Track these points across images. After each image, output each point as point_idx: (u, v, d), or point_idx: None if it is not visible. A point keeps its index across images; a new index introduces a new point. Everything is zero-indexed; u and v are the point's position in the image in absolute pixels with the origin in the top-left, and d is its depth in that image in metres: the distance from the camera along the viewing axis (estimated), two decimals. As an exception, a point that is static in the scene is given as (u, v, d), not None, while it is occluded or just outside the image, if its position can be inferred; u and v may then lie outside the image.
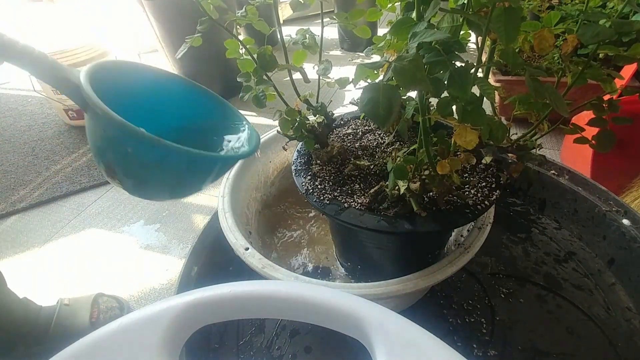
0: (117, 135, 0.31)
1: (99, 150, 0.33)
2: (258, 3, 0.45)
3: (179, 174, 0.34)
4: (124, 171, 0.33)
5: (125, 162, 0.33)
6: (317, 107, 0.49)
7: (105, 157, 0.33)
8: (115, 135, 0.31)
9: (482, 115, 0.33)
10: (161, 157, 0.32)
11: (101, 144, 0.33)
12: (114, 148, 0.32)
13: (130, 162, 0.32)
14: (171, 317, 0.26)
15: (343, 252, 0.58)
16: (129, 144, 0.31)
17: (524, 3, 1.07)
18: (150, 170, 0.33)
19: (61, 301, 0.81)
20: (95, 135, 0.33)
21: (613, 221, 0.58)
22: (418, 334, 0.24)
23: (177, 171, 0.34)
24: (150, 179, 0.34)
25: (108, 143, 0.32)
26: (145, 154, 0.32)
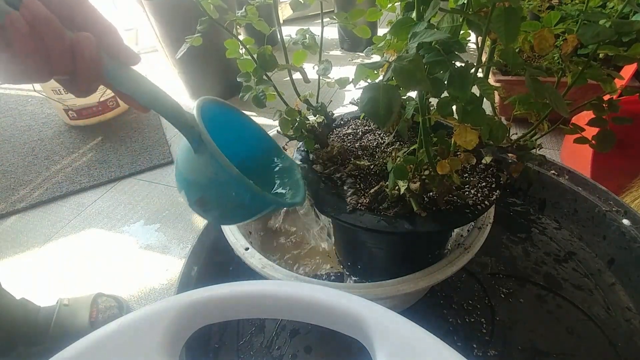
0: (226, 181, 0.35)
1: (199, 185, 0.37)
2: (258, 3, 0.45)
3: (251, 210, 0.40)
4: (217, 205, 0.38)
5: (222, 201, 0.37)
6: (317, 107, 0.49)
7: (204, 193, 0.37)
8: (224, 180, 0.35)
9: (482, 115, 0.33)
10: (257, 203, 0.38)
11: (205, 182, 0.37)
12: (219, 189, 0.36)
13: (227, 201, 0.37)
14: (171, 317, 0.26)
15: (343, 252, 0.58)
16: (235, 190, 0.36)
17: (524, 3, 1.07)
18: (239, 209, 0.38)
19: (60, 301, 0.81)
20: (201, 174, 0.37)
21: (613, 221, 0.58)
22: (418, 334, 0.24)
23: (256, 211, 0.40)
24: (235, 214, 0.40)
25: (213, 184, 0.36)
26: (245, 198, 0.37)
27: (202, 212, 0.40)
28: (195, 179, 0.38)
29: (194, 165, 0.37)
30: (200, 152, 0.35)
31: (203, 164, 0.36)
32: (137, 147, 1.44)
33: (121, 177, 1.31)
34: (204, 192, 0.37)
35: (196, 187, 0.38)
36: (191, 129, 0.35)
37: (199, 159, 0.36)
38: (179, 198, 1.20)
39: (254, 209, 0.39)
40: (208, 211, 0.39)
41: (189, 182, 0.38)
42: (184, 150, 0.37)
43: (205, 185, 0.37)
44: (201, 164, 0.36)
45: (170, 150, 1.43)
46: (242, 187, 0.35)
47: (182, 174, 0.38)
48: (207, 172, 0.36)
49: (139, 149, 1.44)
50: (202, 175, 0.37)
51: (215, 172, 0.35)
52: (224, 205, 0.38)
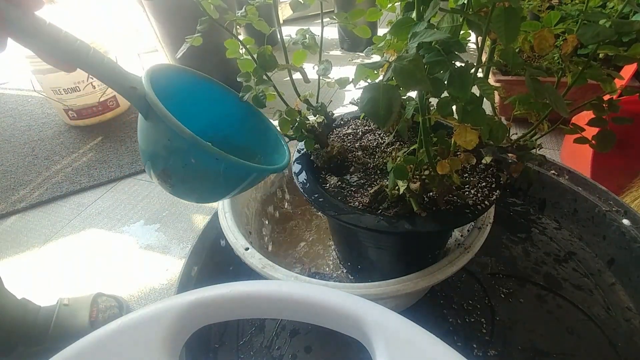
0: (182, 147, 0.32)
1: (157, 156, 0.34)
2: (258, 3, 0.45)
3: (228, 181, 0.36)
4: (180, 178, 0.35)
5: (184, 170, 0.34)
6: (317, 107, 0.49)
7: (164, 163, 0.34)
8: (180, 146, 0.32)
9: (482, 115, 0.33)
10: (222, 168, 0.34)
11: (162, 152, 0.34)
12: (177, 157, 0.33)
13: (189, 170, 0.34)
14: (171, 317, 0.26)
15: (343, 252, 0.58)
16: (194, 156, 0.33)
17: (524, 3, 1.07)
18: (205, 178, 0.35)
19: (60, 301, 0.81)
20: (156, 143, 0.34)
21: (613, 221, 0.58)
22: (418, 334, 0.24)
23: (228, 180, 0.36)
24: (201, 185, 0.36)
25: (171, 152, 0.33)
26: (207, 165, 0.33)
27: (169, 188, 0.36)
28: (153, 149, 0.34)
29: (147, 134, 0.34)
30: (150, 118, 0.32)
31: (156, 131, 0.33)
32: (137, 147, 1.44)
33: (121, 177, 1.31)
34: (164, 163, 0.34)
35: (155, 159, 0.34)
36: (132, 90, 0.31)
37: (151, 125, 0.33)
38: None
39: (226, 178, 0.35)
40: (175, 186, 0.36)
41: (148, 154, 0.35)
42: (139, 120, 0.34)
43: (164, 155, 0.34)
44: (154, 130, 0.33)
45: (170, 150, 1.43)
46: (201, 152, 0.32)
47: (141, 146, 0.35)
48: (161, 139, 0.33)
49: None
50: (157, 143, 0.33)
51: (168, 138, 0.32)
52: (189, 176, 0.34)
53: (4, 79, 2.10)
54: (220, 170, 0.34)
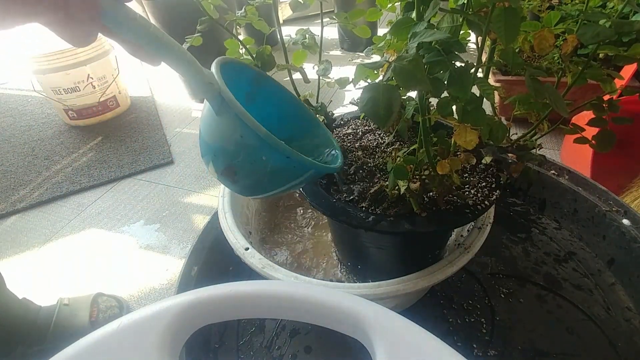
0: (255, 144, 0.32)
1: (224, 152, 0.34)
2: (258, 3, 0.45)
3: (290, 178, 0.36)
4: (246, 173, 0.35)
5: (252, 166, 0.34)
6: (317, 107, 0.49)
7: (231, 159, 0.34)
8: (253, 143, 0.32)
9: (482, 115, 0.33)
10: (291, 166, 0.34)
11: (232, 148, 0.34)
12: (247, 154, 0.33)
13: (257, 167, 0.34)
14: (171, 317, 0.26)
15: (343, 252, 0.58)
16: (266, 153, 0.33)
17: (524, 3, 1.07)
18: (270, 175, 0.35)
19: (61, 301, 0.81)
20: (227, 139, 0.34)
21: (613, 221, 0.58)
22: (418, 334, 0.24)
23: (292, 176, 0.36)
24: (265, 181, 0.36)
25: (242, 148, 0.33)
26: (277, 162, 0.33)
27: (230, 184, 0.36)
28: (221, 145, 0.34)
29: (217, 130, 0.34)
30: (222, 114, 0.32)
31: (227, 127, 0.33)
32: (137, 147, 1.44)
33: (121, 177, 1.31)
34: (232, 159, 0.34)
35: (222, 155, 0.34)
36: (209, 86, 0.31)
37: (222, 121, 0.33)
38: (180, 198, 1.20)
39: (289, 174, 0.35)
40: (237, 182, 0.36)
41: (214, 150, 0.35)
42: (207, 114, 0.34)
43: (232, 151, 0.33)
44: (225, 127, 0.33)
45: (171, 150, 1.43)
46: (273, 150, 0.32)
47: (206, 141, 0.35)
48: (232, 135, 0.33)
49: (139, 149, 1.44)
50: (227, 140, 0.33)
51: (241, 135, 0.32)
52: (255, 172, 0.34)
53: (4, 79, 2.10)
54: (290, 167, 0.34)
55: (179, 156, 1.40)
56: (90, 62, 1.51)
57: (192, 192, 1.22)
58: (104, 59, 1.56)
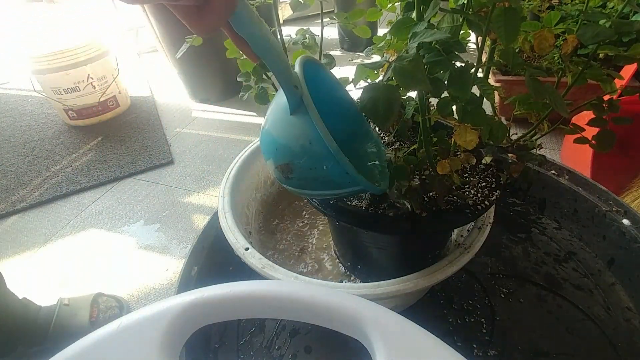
0: (321, 153, 0.33)
1: (289, 150, 0.34)
2: (258, 3, 0.45)
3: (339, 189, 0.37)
4: (302, 175, 0.35)
5: (310, 171, 0.35)
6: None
7: (292, 159, 0.34)
8: (320, 152, 0.33)
9: (482, 115, 0.33)
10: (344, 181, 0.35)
11: (297, 149, 0.34)
12: (310, 159, 0.34)
13: (314, 174, 0.35)
14: (171, 317, 0.26)
15: (343, 252, 0.58)
16: (328, 164, 0.33)
17: (524, 3, 1.07)
18: (323, 182, 0.35)
19: (61, 301, 0.81)
20: (294, 140, 0.34)
21: (613, 221, 0.58)
22: (418, 334, 0.24)
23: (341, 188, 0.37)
24: (315, 185, 0.37)
25: (306, 153, 0.34)
26: (335, 174, 0.34)
27: (281, 178, 0.37)
28: (286, 143, 0.35)
29: (287, 127, 0.34)
30: (297, 115, 0.33)
31: (298, 129, 0.33)
32: (137, 147, 1.45)
33: (121, 177, 1.31)
34: (293, 159, 0.34)
35: (285, 152, 0.35)
36: (294, 89, 0.32)
37: (296, 122, 0.33)
38: (180, 198, 1.20)
39: (341, 185, 0.36)
40: (289, 179, 0.36)
41: (278, 144, 0.35)
42: (279, 109, 0.35)
43: (297, 152, 0.34)
44: (296, 128, 0.33)
45: (171, 150, 1.43)
46: (337, 163, 0.33)
47: (272, 135, 0.35)
48: (301, 138, 0.33)
49: (139, 149, 1.44)
50: (295, 140, 0.34)
51: (310, 141, 0.33)
52: (309, 177, 0.35)
53: (4, 79, 2.10)
54: (344, 181, 0.35)
55: (179, 156, 1.40)
56: (90, 62, 1.51)
57: (192, 192, 1.22)
58: (104, 59, 1.56)
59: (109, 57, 1.59)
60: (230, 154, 1.39)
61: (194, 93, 1.73)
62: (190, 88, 1.72)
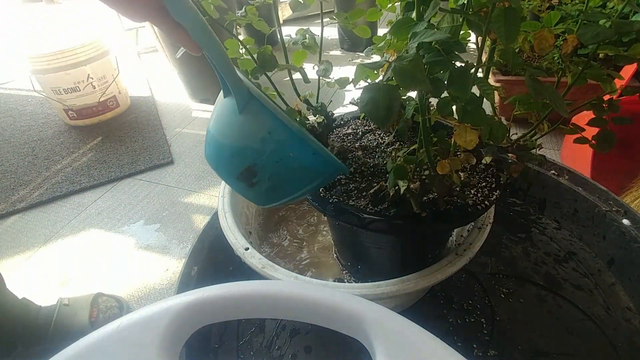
0: (284, 139, 0.32)
1: (247, 152, 0.33)
2: (258, 3, 0.45)
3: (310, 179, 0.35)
4: (267, 175, 0.34)
5: (275, 166, 0.33)
6: (317, 107, 0.49)
7: (254, 159, 0.33)
8: (283, 139, 0.32)
9: (482, 115, 0.33)
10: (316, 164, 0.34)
11: (257, 146, 0.33)
12: (274, 150, 0.33)
13: (281, 166, 0.33)
14: (171, 317, 0.26)
15: (343, 252, 0.58)
16: (294, 149, 0.32)
17: (524, 3, 1.07)
18: (291, 174, 0.34)
19: (61, 301, 0.81)
20: (251, 137, 0.33)
21: (613, 221, 0.58)
22: (418, 334, 0.24)
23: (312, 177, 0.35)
24: (286, 183, 0.35)
25: (268, 145, 0.32)
26: (302, 159, 0.33)
27: (246, 188, 0.35)
28: (242, 144, 0.34)
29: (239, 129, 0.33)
30: (247, 111, 0.32)
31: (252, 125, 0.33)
32: (137, 147, 1.45)
33: (121, 177, 1.31)
34: (254, 158, 0.33)
35: (243, 155, 0.34)
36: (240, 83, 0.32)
37: (247, 119, 0.32)
38: (180, 198, 1.20)
39: (311, 174, 0.35)
40: (255, 185, 0.35)
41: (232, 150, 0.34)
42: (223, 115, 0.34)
43: (257, 149, 0.33)
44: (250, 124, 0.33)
45: (171, 150, 1.43)
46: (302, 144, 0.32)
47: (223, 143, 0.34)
48: (259, 132, 0.32)
49: (139, 149, 1.44)
50: (252, 138, 0.33)
51: (269, 131, 0.32)
52: (278, 171, 0.34)
53: (5, 79, 2.10)
54: (314, 166, 0.34)
55: (179, 156, 1.40)
56: (90, 62, 1.51)
57: (192, 192, 1.22)
58: (104, 59, 1.56)
59: (109, 57, 1.59)
60: (230, 154, 1.38)
61: (194, 93, 1.73)
62: (190, 88, 1.72)
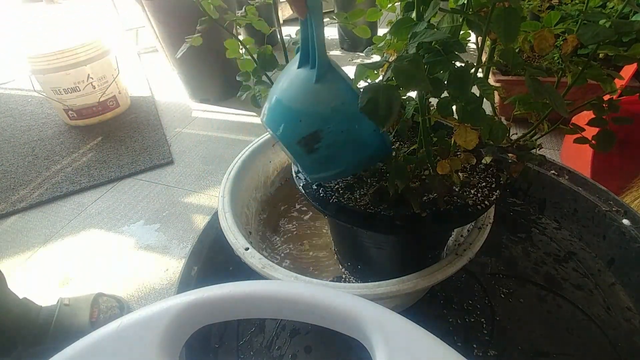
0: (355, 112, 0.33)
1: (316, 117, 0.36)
2: (258, 3, 0.45)
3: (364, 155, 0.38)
4: (330, 142, 0.36)
5: (340, 135, 0.36)
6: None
7: (322, 125, 0.35)
8: (354, 110, 0.34)
9: (482, 115, 0.33)
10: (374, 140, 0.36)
11: (327, 113, 0.35)
12: (342, 119, 0.35)
13: (346, 135, 0.36)
14: (171, 317, 0.26)
15: (343, 252, 0.58)
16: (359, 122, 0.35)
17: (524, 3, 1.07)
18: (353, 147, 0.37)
19: (61, 301, 0.81)
20: (323, 105, 0.35)
21: (613, 221, 0.58)
22: (418, 334, 0.24)
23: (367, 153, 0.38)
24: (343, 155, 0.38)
25: (339, 114, 0.35)
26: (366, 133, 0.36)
27: (304, 153, 0.37)
28: (314, 110, 0.36)
29: (314, 96, 0.36)
30: (324, 81, 0.35)
31: (329, 94, 0.35)
32: (137, 147, 1.45)
33: (121, 177, 1.31)
34: (323, 124, 0.36)
35: (313, 120, 0.36)
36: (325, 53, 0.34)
37: (323, 88, 0.35)
38: (180, 198, 1.20)
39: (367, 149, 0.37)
40: (313, 151, 0.37)
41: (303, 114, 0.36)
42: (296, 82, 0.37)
43: (327, 116, 0.35)
44: (326, 93, 0.35)
45: (171, 150, 1.43)
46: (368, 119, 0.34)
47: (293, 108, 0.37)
48: (333, 101, 0.35)
49: (139, 149, 1.44)
50: (325, 105, 0.35)
51: (343, 102, 0.35)
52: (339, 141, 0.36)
53: (5, 79, 2.10)
54: (370, 141, 0.36)
55: (179, 156, 1.40)
56: (90, 62, 1.51)
57: (192, 192, 1.22)
58: (104, 59, 1.56)
59: (109, 57, 1.59)
60: (230, 154, 1.39)
61: (194, 93, 1.73)
62: (190, 88, 1.72)
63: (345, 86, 0.35)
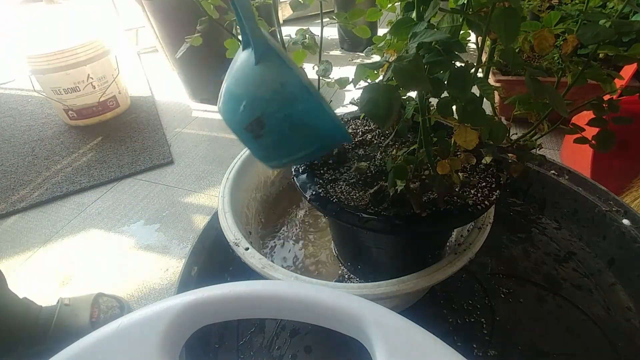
0: (295, 92, 0.32)
1: (258, 101, 0.34)
2: (258, 3, 0.45)
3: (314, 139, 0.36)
4: (274, 127, 0.34)
5: (283, 119, 0.34)
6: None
7: (264, 109, 0.34)
8: (294, 91, 0.32)
9: (482, 115, 0.33)
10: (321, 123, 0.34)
11: (268, 96, 0.33)
12: (284, 102, 0.33)
13: (288, 120, 0.34)
14: (171, 317, 0.26)
15: (343, 252, 0.58)
16: (302, 104, 0.33)
17: (524, 3, 1.07)
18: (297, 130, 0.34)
19: (61, 301, 0.81)
20: (264, 87, 0.34)
21: (613, 221, 0.58)
22: (418, 334, 0.24)
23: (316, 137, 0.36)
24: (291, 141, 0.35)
25: (279, 96, 0.33)
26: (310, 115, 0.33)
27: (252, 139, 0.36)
28: (254, 94, 0.34)
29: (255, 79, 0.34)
30: (264, 63, 0.33)
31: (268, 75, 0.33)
32: (137, 147, 1.45)
33: (121, 177, 1.31)
34: (265, 108, 0.34)
35: (256, 104, 0.34)
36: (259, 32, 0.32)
37: (263, 70, 0.33)
38: (180, 198, 1.20)
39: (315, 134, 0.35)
40: (261, 137, 0.35)
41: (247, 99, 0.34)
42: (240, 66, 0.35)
43: (269, 99, 0.33)
44: (266, 75, 0.33)
45: (171, 150, 1.43)
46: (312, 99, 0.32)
47: (236, 93, 0.35)
48: (273, 83, 0.33)
49: (139, 149, 1.44)
50: (265, 88, 0.33)
51: (282, 84, 0.33)
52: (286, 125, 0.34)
53: (5, 79, 2.10)
54: (320, 125, 0.34)
55: (179, 156, 1.40)
56: (90, 62, 1.51)
57: (192, 192, 1.22)
58: (104, 59, 1.56)
59: (109, 57, 1.59)
60: (230, 154, 1.39)
61: (194, 93, 1.73)
62: (190, 88, 1.72)
63: (284, 66, 0.32)
